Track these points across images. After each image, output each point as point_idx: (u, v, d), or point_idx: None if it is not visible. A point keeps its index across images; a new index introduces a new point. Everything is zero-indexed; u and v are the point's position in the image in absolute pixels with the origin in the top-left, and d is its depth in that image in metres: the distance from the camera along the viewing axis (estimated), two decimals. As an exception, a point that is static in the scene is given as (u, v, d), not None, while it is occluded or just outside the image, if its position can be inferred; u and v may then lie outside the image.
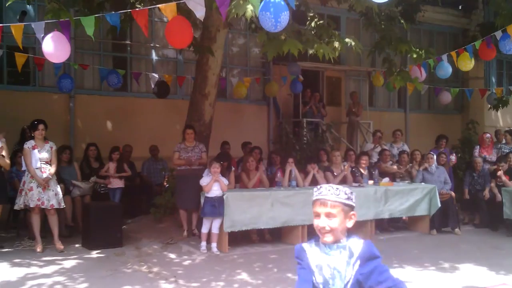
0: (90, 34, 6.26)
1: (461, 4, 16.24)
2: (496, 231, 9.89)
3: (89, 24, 6.21)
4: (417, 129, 15.65)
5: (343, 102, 15.06)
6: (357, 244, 2.52)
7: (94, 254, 7.72)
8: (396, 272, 7.11)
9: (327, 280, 2.53)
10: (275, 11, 5.74)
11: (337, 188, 2.55)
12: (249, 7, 5.81)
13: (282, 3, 5.76)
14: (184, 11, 6.75)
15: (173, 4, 6.15)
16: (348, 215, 2.55)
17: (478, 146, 11.93)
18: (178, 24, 6.34)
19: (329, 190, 2.55)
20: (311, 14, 9.55)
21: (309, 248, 2.64)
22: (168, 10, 6.11)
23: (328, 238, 2.54)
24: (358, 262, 2.47)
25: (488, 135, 12.05)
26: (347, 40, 8.71)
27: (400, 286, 2.46)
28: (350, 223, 2.56)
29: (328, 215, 2.52)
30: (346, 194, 2.55)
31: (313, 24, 9.45)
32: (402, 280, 2.49)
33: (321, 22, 9.37)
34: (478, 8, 16.48)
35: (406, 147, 12.02)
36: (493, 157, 11.43)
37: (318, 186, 2.61)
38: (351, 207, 2.57)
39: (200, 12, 6.08)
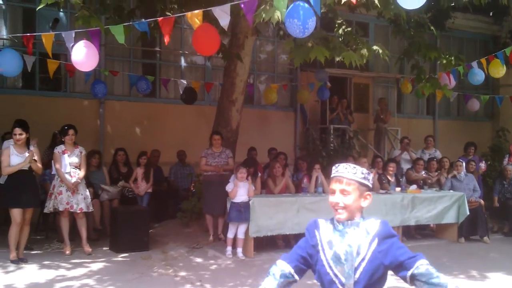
0: (122, 42, 6.38)
1: (492, 11, 15.98)
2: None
3: (119, 32, 6.33)
4: (446, 136, 15.45)
5: (370, 109, 14.97)
6: (373, 223, 2.56)
7: (121, 257, 7.83)
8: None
9: (338, 256, 2.54)
10: (303, 17, 5.76)
11: (354, 167, 2.59)
12: (276, 13, 5.84)
13: (309, 8, 5.78)
14: (211, 19, 6.83)
15: (199, 12, 6.22)
16: (364, 195, 2.58)
17: (507, 155, 11.71)
18: (205, 32, 6.41)
19: (346, 168, 2.58)
20: (339, 21, 9.55)
21: (323, 224, 2.66)
22: (194, 18, 6.17)
23: (342, 215, 2.56)
24: (376, 240, 2.51)
25: None
26: (374, 47, 8.68)
27: (419, 256, 2.51)
28: (365, 203, 2.59)
29: (343, 191, 2.55)
30: (362, 173, 2.58)
31: (340, 31, 9.45)
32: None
33: (348, 29, 9.36)
34: (510, 15, 16.22)
35: (438, 153, 11.89)
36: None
37: (336, 165, 2.64)
38: (367, 187, 2.61)
39: (224, 21, 6.13)
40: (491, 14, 16.27)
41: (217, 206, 8.74)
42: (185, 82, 11.53)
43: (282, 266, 2.65)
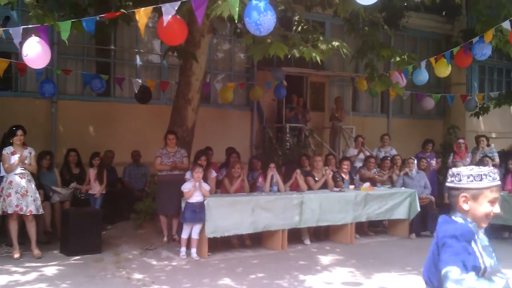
0: (64, 39, 6.25)
1: (445, 10, 16.36)
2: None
3: (64, 29, 6.20)
4: (399, 134, 15.71)
5: (326, 107, 15.12)
6: None
7: (73, 260, 7.69)
8: (380, 277, 7.18)
9: (495, 261, 2.57)
10: (259, 14, 5.76)
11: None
12: (228, 7, 5.81)
13: (267, 5, 5.78)
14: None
15: (149, 8, 6.14)
16: None
17: (452, 153, 11.98)
18: (173, 21, 6.28)
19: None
20: (297, 19, 9.60)
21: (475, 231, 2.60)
22: (142, 13, 6.08)
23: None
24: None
25: (461, 140, 12.11)
26: (334, 43, 8.75)
27: None
28: None
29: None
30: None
31: (299, 28, 9.51)
32: None
33: (306, 26, 9.43)
34: (462, 15, 16.64)
35: (394, 151, 12.09)
36: (466, 162, 11.50)
37: (489, 170, 2.56)
38: None
39: (168, 16, 6.05)
40: (443, 14, 16.65)
41: (171, 206, 8.68)
42: (140, 81, 11.39)
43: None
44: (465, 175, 2.56)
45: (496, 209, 2.53)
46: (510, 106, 15.70)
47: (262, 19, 5.75)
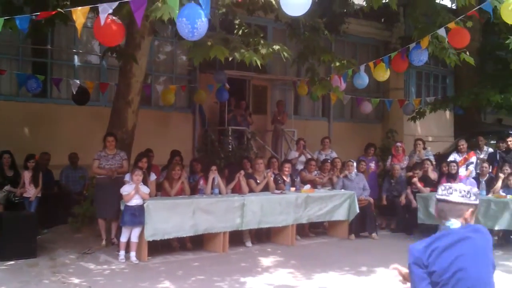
0: None
1: (383, 17, 16.82)
2: (411, 235, 10.23)
3: (-5, 27, 5.97)
4: (340, 137, 16.01)
5: (269, 111, 15.23)
6: None
7: (6, 265, 7.38)
8: (319, 277, 7.26)
9: None
10: (192, 18, 5.73)
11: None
12: (168, 10, 5.76)
13: (200, 10, 5.77)
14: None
15: (86, 8, 6.01)
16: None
17: (390, 156, 12.30)
18: (110, 23, 6.16)
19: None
20: (238, 22, 9.62)
21: None
22: (78, 13, 5.94)
23: None
24: None
25: (398, 144, 12.45)
26: (275, 47, 8.82)
27: None
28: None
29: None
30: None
31: (240, 32, 9.53)
32: None
33: (247, 30, 9.47)
34: (399, 22, 17.15)
35: (334, 154, 12.25)
36: (403, 165, 11.84)
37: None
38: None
39: (104, 14, 5.95)
40: (382, 21, 17.11)
41: (110, 209, 8.50)
42: (78, 82, 11.13)
43: None
44: (474, 193, 2.92)
45: None
46: (445, 111, 16.28)
47: (194, 23, 5.74)
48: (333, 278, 7.28)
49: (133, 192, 7.81)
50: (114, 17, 6.21)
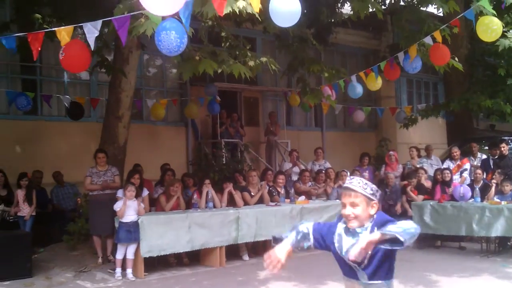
0: None
1: (371, 26, 16.89)
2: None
3: (-21, 47, 5.93)
4: (333, 147, 16.04)
5: (261, 122, 15.23)
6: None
7: (2, 285, 7.33)
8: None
9: (343, 249, 3.03)
10: (180, 34, 5.73)
11: (366, 183, 3.02)
12: (151, 25, 5.76)
13: (179, 25, 5.75)
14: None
15: (70, 27, 5.99)
16: (370, 204, 2.99)
17: (384, 165, 12.32)
18: (74, 48, 6.15)
19: (358, 183, 3.01)
20: (224, 35, 9.62)
21: (341, 222, 3.12)
22: (63, 33, 5.92)
23: (354, 223, 2.99)
24: (375, 228, 2.91)
25: (391, 152, 12.47)
26: (263, 59, 8.83)
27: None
28: (372, 211, 2.99)
29: (352, 204, 2.98)
30: (372, 190, 3.01)
31: (227, 44, 9.53)
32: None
33: (234, 42, 9.47)
34: (387, 30, 17.24)
35: (328, 164, 12.24)
36: (397, 173, 11.85)
37: (351, 177, 3.15)
38: (373, 200, 3.00)
39: (92, 37, 5.94)
40: (371, 29, 17.19)
41: (104, 226, 8.45)
42: (69, 98, 11.08)
43: (307, 225, 3.22)
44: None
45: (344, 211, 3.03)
46: (438, 118, 16.33)
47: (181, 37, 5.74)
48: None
49: (124, 207, 7.74)
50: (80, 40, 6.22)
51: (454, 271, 8.01)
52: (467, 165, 11.60)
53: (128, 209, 7.80)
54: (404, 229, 2.75)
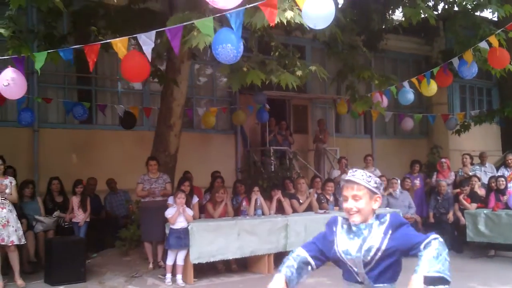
0: (37, 68, 6.24)
1: (423, 32, 16.63)
2: (460, 253, 9.97)
3: (39, 59, 6.18)
4: (384, 154, 15.83)
5: (310, 130, 15.20)
6: (384, 217, 2.87)
7: (57, 290, 7.58)
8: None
9: (349, 251, 2.86)
10: (231, 43, 5.83)
11: (370, 175, 2.87)
12: (203, 38, 5.89)
13: (233, 36, 5.85)
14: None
15: (125, 39, 6.18)
16: (374, 198, 2.87)
17: (436, 172, 12.08)
18: (133, 59, 6.35)
19: (362, 175, 2.86)
20: (273, 44, 9.69)
21: (341, 221, 2.98)
22: (119, 45, 6.12)
23: (356, 218, 2.85)
24: (390, 230, 2.79)
25: (443, 160, 12.23)
26: (311, 67, 8.84)
27: (431, 234, 2.77)
28: (375, 205, 2.88)
29: (355, 197, 2.83)
30: (376, 183, 2.88)
31: (277, 53, 9.60)
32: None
33: (284, 51, 9.51)
34: (440, 36, 16.92)
35: (378, 172, 12.10)
36: (449, 181, 11.60)
37: (354, 169, 2.92)
38: (376, 193, 2.88)
39: (148, 48, 6.11)
40: (422, 35, 16.92)
41: (155, 233, 8.62)
42: (123, 107, 11.40)
43: (299, 252, 3.03)
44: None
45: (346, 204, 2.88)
46: (491, 124, 15.88)
47: (238, 47, 5.84)
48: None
49: (176, 214, 7.89)
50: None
51: (508, 281, 7.78)
52: (522, 173, 11.24)
53: (179, 215, 7.94)
54: (442, 261, 2.62)
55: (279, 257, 8.84)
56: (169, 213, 7.98)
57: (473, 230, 9.72)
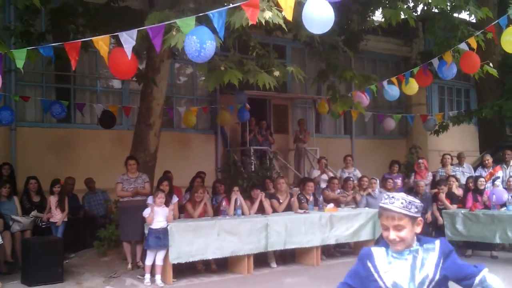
0: (20, 67, 6.13)
1: (402, 33, 16.78)
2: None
3: (20, 57, 6.08)
4: (363, 154, 15.93)
5: (290, 130, 15.25)
6: (433, 244, 2.68)
7: (34, 291, 7.49)
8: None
9: (399, 284, 2.63)
10: (202, 37, 5.81)
11: (410, 202, 2.61)
12: (182, 38, 5.85)
13: (210, 33, 5.83)
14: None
15: (107, 37, 6.12)
16: (416, 222, 2.64)
17: (413, 173, 12.19)
18: (121, 56, 6.28)
19: (401, 203, 2.60)
20: (252, 44, 9.67)
21: (378, 252, 2.73)
22: (100, 43, 6.06)
23: (400, 246, 2.64)
24: (442, 258, 2.63)
25: (420, 160, 12.34)
26: (288, 68, 8.84)
27: (480, 266, 2.66)
28: (418, 229, 2.65)
29: (397, 227, 2.60)
30: (416, 208, 2.63)
31: (254, 53, 9.58)
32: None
33: (261, 51, 9.50)
34: (419, 37, 17.09)
35: (357, 172, 12.16)
36: (426, 181, 11.71)
37: (391, 195, 2.67)
38: (418, 217, 2.65)
39: (129, 46, 6.05)
40: (402, 36, 17.06)
41: (134, 232, 8.54)
42: (102, 106, 11.29)
43: None
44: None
45: (388, 235, 2.65)
46: (469, 124, 16.08)
47: (203, 43, 5.82)
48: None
49: (152, 214, 7.83)
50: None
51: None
52: (499, 173, 11.39)
53: (157, 215, 7.87)
54: None
55: (258, 257, 8.86)
56: (146, 213, 7.93)
57: (451, 229, 9.83)
